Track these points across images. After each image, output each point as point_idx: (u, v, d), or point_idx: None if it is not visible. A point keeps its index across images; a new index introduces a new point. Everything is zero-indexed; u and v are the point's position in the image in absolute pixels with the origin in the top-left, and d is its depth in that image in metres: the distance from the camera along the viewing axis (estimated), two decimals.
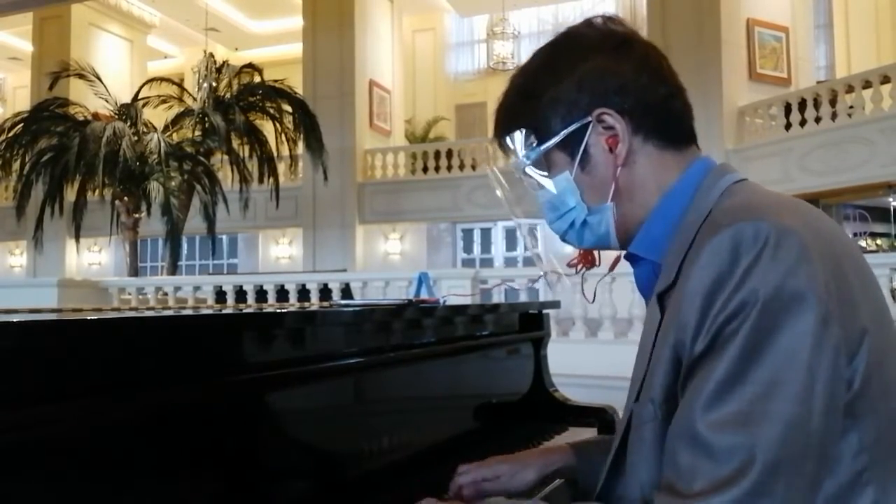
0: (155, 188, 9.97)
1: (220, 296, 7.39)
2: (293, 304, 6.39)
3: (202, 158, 10.79)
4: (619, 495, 0.91)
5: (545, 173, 0.94)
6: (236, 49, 17.20)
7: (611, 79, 0.88)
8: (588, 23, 0.94)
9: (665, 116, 0.90)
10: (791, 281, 0.70)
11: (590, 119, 0.89)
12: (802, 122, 9.38)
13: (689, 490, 0.70)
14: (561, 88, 0.90)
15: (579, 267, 1.03)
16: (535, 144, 0.92)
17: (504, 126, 0.96)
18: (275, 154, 10.91)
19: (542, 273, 1.26)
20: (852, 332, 0.73)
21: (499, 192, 1.12)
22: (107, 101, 10.84)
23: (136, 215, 10.72)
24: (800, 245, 0.72)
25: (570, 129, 0.89)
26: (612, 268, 1.03)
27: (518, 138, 0.94)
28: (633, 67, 0.89)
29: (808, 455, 0.70)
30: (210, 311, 1.49)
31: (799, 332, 0.69)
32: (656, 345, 0.82)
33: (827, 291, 0.71)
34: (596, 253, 1.01)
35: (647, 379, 0.84)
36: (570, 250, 1.01)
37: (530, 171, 0.95)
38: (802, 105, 9.45)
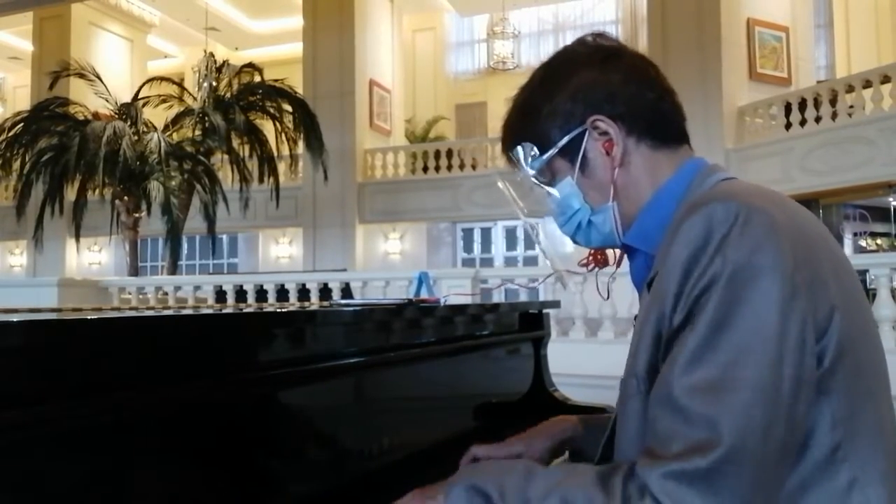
0: (155, 188, 9.97)
1: (221, 295, 7.39)
2: (293, 303, 6.39)
3: (202, 158, 10.79)
4: None
5: (550, 181, 1.02)
6: (236, 49, 17.20)
7: (601, 88, 0.96)
8: (580, 41, 1.03)
9: (655, 118, 0.97)
10: (758, 254, 0.75)
11: (585, 127, 0.96)
12: (803, 122, 9.38)
13: (666, 452, 0.74)
14: (557, 101, 0.98)
15: (591, 266, 1.10)
16: (538, 155, 1.00)
17: (509, 142, 1.04)
18: (275, 154, 10.91)
19: (552, 272, 1.31)
20: (821, 308, 0.77)
21: (504, 191, 1.17)
22: (107, 101, 10.83)
23: (137, 215, 10.72)
24: (768, 222, 0.77)
25: (569, 137, 0.97)
26: (618, 263, 1.08)
27: (523, 151, 1.02)
28: (622, 76, 0.96)
29: (778, 420, 0.73)
30: (210, 311, 1.49)
31: (765, 301, 0.74)
32: (642, 323, 0.87)
33: (794, 266, 0.75)
34: (610, 252, 1.08)
35: (632, 355, 0.88)
36: (570, 249, 1.06)
37: (536, 179, 1.02)
38: (803, 105, 9.45)
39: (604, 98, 0.95)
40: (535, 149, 1.00)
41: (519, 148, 1.02)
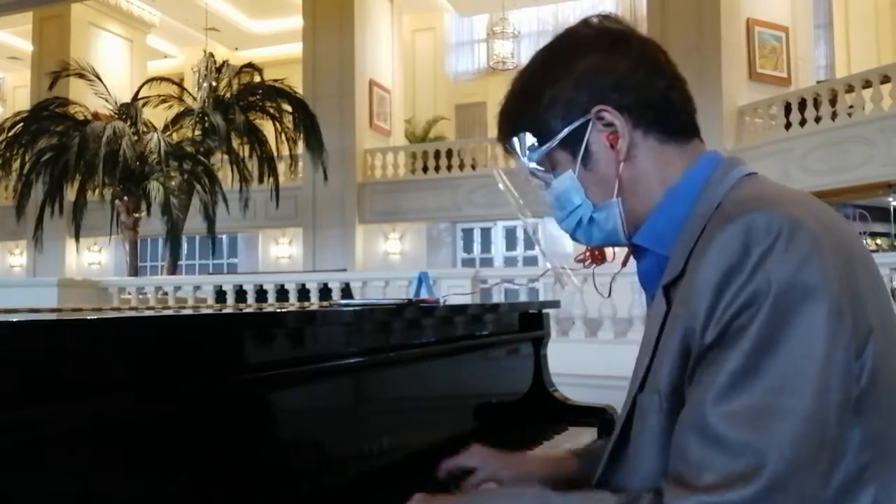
0: (155, 188, 9.97)
1: (220, 295, 7.39)
2: (293, 303, 6.38)
3: (202, 158, 10.79)
4: (616, 486, 0.90)
5: (550, 173, 0.94)
6: (236, 49, 17.20)
7: (607, 75, 0.89)
8: (585, 22, 0.95)
9: (665, 109, 0.90)
10: (804, 273, 0.70)
11: (589, 117, 0.89)
12: (802, 122, 9.38)
13: (699, 482, 0.70)
14: (559, 88, 0.90)
15: (587, 262, 1.02)
16: (537, 145, 0.93)
17: (506, 129, 0.97)
18: (275, 154, 10.91)
19: (548, 269, 1.25)
20: (861, 328, 0.73)
21: (501, 186, 1.12)
22: (107, 101, 10.84)
23: (136, 215, 10.72)
24: (812, 238, 0.72)
25: (571, 127, 0.90)
26: (624, 262, 1.01)
27: (521, 140, 0.94)
28: (630, 63, 0.89)
29: (824, 449, 0.70)
30: (210, 311, 1.49)
31: (813, 324, 0.69)
32: (663, 336, 0.82)
33: (839, 285, 0.71)
34: (609, 249, 1.01)
35: (652, 369, 0.83)
36: (571, 249, 1.02)
37: (535, 171, 0.95)
38: (802, 105, 9.45)
39: (610, 86, 0.88)
40: (534, 139, 0.92)
41: (516, 138, 0.94)
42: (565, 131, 0.90)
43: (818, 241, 0.72)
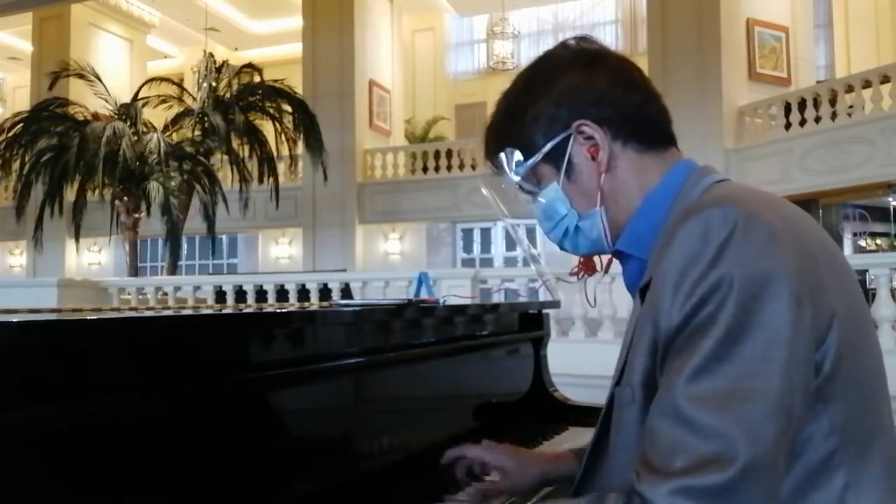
0: (155, 188, 9.99)
1: (220, 296, 7.39)
2: (293, 304, 6.38)
3: (202, 158, 10.80)
4: (599, 481, 0.93)
5: (535, 187, 0.99)
6: (236, 49, 17.21)
7: (586, 92, 0.94)
8: (563, 45, 1.01)
9: (642, 121, 0.95)
10: (764, 262, 0.73)
11: (570, 131, 0.94)
12: (802, 122, 9.39)
13: (671, 467, 0.71)
14: (541, 106, 0.96)
15: (581, 275, 1.07)
16: (523, 160, 0.98)
17: (493, 147, 1.02)
18: (275, 154, 10.92)
19: (542, 280, 1.30)
20: (822, 316, 0.76)
21: (485, 192, 1.17)
22: (106, 101, 10.85)
23: (136, 215, 10.73)
24: (768, 228, 0.75)
25: (554, 142, 0.95)
26: (606, 268, 1.06)
27: (507, 157, 0.99)
28: (607, 80, 0.94)
29: (789, 430, 0.72)
30: (210, 311, 1.49)
31: (778, 310, 0.72)
32: (636, 330, 0.86)
33: (797, 273, 0.74)
34: (597, 259, 1.06)
35: (627, 363, 0.87)
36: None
37: (522, 185, 1.00)
38: (802, 105, 9.46)
39: (589, 102, 0.93)
40: (520, 154, 0.98)
41: (502, 154, 0.99)
42: (548, 146, 0.95)
43: (774, 232, 0.75)
